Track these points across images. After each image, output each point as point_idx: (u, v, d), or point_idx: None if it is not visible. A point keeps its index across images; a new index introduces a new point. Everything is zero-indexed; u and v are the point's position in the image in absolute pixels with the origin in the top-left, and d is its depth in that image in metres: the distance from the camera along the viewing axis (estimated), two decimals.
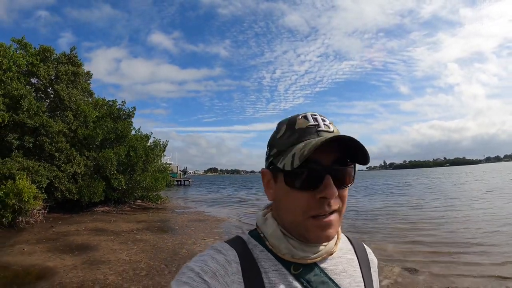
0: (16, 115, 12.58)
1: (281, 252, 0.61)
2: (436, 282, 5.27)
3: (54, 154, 13.59)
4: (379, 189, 29.16)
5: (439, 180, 39.55)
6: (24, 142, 12.82)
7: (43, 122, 13.22)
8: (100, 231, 10.05)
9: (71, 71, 15.76)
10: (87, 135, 15.59)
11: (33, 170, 11.92)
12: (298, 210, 0.59)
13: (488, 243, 7.49)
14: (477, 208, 12.99)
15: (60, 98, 14.98)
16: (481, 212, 12.04)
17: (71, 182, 13.93)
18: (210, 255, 0.59)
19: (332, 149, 0.58)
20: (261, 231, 0.65)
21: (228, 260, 0.58)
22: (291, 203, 0.59)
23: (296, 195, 0.58)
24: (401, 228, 9.86)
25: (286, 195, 0.60)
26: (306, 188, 0.58)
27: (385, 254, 6.93)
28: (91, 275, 5.73)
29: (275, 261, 0.61)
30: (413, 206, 15.05)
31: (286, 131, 0.62)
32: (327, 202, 0.58)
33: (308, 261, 0.61)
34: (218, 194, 30.37)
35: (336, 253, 0.66)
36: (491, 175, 43.92)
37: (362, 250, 0.73)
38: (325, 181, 0.57)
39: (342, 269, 0.65)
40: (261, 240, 0.64)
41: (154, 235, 9.55)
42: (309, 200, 0.58)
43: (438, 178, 45.29)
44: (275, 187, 0.63)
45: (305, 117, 0.62)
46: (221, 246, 0.62)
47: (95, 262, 6.63)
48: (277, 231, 0.62)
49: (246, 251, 0.62)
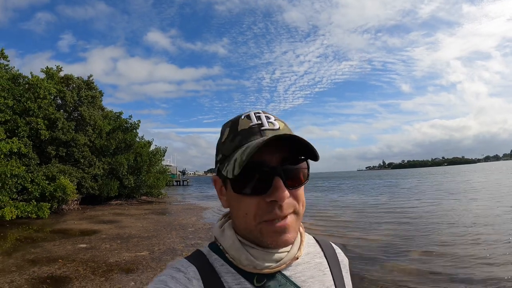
0: (53, 132, 16.99)
1: (242, 264, 0.57)
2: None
3: (80, 160, 18.01)
4: (362, 188, 32.40)
5: (427, 180, 40.95)
6: (59, 152, 17.23)
7: (73, 137, 17.64)
8: (119, 215, 14.48)
9: (90, 95, 20.20)
10: (102, 145, 20.03)
11: (67, 172, 16.31)
12: (249, 216, 0.55)
13: (413, 245, 7.62)
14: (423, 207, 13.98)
15: (83, 117, 19.39)
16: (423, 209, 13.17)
17: (93, 181, 18.33)
18: (170, 275, 0.56)
19: (279, 148, 0.55)
20: (220, 243, 0.61)
21: (188, 278, 0.56)
22: (242, 209, 0.56)
23: (245, 201, 0.55)
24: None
25: (236, 202, 0.57)
26: (254, 193, 0.54)
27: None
28: (121, 231, 10.14)
29: (237, 275, 0.57)
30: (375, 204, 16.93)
31: (229, 134, 0.59)
32: (278, 206, 0.54)
33: (271, 271, 0.57)
34: (211, 193, 34.77)
35: (303, 258, 0.63)
36: (483, 174, 45.34)
37: (331, 252, 0.70)
38: (274, 184, 0.53)
39: (310, 275, 0.62)
40: (221, 253, 0.61)
41: (157, 216, 13.98)
42: (259, 205, 0.54)
43: (426, 178, 47.08)
44: (226, 194, 0.60)
45: (247, 116, 0.59)
46: (180, 264, 0.59)
47: (122, 227, 11.05)
48: (235, 242, 0.58)
49: (207, 266, 0.59)
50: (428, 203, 15.30)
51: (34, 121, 16.10)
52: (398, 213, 12.77)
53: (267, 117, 0.59)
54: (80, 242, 8.67)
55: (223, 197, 0.62)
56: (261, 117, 0.59)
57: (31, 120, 16.09)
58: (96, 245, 8.34)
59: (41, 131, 16.17)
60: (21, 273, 6.07)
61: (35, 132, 16.16)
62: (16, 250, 8.02)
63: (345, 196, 22.58)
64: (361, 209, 14.65)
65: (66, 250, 7.80)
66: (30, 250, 7.90)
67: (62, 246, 8.29)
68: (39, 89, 17.45)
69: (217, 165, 0.62)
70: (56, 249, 7.96)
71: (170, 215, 14.58)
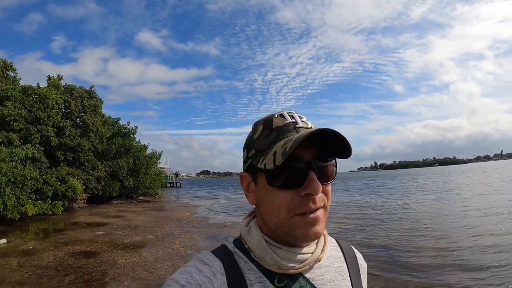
0: (61, 139, 19.00)
1: (267, 263, 0.59)
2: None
3: (85, 163, 20.04)
4: (345, 189, 34.67)
5: (413, 181, 41.91)
6: (67, 157, 19.23)
7: (78, 143, 19.66)
8: (122, 211, 16.61)
9: (92, 104, 22.23)
10: (104, 149, 22.06)
11: (75, 175, 18.33)
12: (283, 210, 0.56)
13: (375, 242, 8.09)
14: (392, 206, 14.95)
15: (86, 124, 21.40)
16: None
17: (96, 182, 20.36)
18: (195, 267, 0.58)
19: (312, 146, 0.58)
20: (245, 242, 0.63)
21: (213, 272, 0.57)
22: (275, 203, 0.57)
23: (279, 195, 0.57)
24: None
25: (269, 196, 0.58)
26: (289, 186, 0.56)
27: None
28: (128, 223, 12.31)
29: (259, 273, 0.59)
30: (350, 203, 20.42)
31: (263, 130, 0.61)
32: (312, 199, 0.56)
33: (295, 271, 0.59)
34: (203, 193, 36.98)
35: (324, 261, 0.64)
36: (467, 175, 46.31)
37: (352, 257, 0.72)
38: (309, 177, 0.56)
39: (329, 278, 0.63)
40: (245, 251, 0.63)
41: (155, 212, 16.17)
42: (293, 198, 0.56)
43: (411, 179, 47.86)
44: (256, 190, 0.62)
45: (281, 115, 0.62)
46: (206, 257, 0.61)
47: (128, 220, 13.21)
48: (261, 241, 0.61)
49: (232, 262, 0.60)
50: (392, 200, 17.81)
51: (45, 129, 18.10)
52: (358, 208, 15.17)
53: (300, 117, 0.62)
54: (97, 231, 10.83)
55: (251, 194, 0.63)
56: (294, 116, 0.61)
57: (42, 128, 18.08)
58: (110, 232, 10.52)
59: (51, 138, 18.17)
60: (59, 250, 8.22)
61: (45, 138, 18.16)
62: (47, 237, 10.15)
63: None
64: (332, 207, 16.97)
65: (88, 236, 9.96)
66: (59, 236, 10.03)
67: (84, 233, 10.44)
68: (47, 100, 19.46)
69: (248, 161, 0.63)
70: (79, 235, 10.12)
71: (167, 211, 16.77)
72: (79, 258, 7.38)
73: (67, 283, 5.71)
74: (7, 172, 13.28)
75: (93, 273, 6.22)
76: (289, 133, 0.58)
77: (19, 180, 13.87)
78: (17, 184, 13.87)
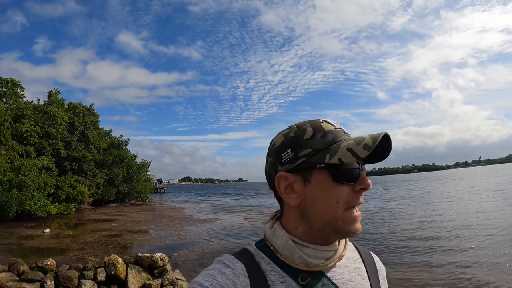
0: (69, 151, 22.69)
1: (294, 262, 0.62)
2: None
3: (87, 172, 23.74)
4: None
5: (383, 187, 43.07)
6: (73, 166, 22.90)
7: (83, 154, 23.39)
8: (122, 212, 20.56)
9: (93, 121, 26.01)
10: (102, 159, 25.79)
11: (80, 182, 22.04)
12: (340, 204, 0.59)
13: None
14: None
15: (87, 138, 25.12)
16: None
17: (96, 188, 24.06)
18: (218, 270, 0.59)
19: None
20: (271, 244, 0.65)
21: (236, 274, 0.59)
22: (333, 198, 0.60)
23: (339, 189, 0.59)
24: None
25: (327, 192, 0.60)
26: (349, 181, 0.60)
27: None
28: (132, 219, 16.38)
29: (282, 273, 0.61)
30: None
31: (315, 132, 0.63)
32: (362, 194, 0.62)
33: (320, 268, 0.62)
34: (186, 198, 40.92)
35: (343, 262, 0.67)
36: (441, 182, 47.81)
37: (370, 258, 0.74)
38: (362, 174, 0.61)
39: (349, 278, 0.65)
40: (269, 252, 0.64)
41: (150, 212, 20.25)
42: (349, 193, 0.60)
43: (383, 185, 48.76)
44: (306, 188, 0.62)
45: (325, 121, 0.65)
46: (228, 260, 0.62)
47: (130, 217, 17.27)
48: (289, 242, 0.62)
49: (254, 264, 0.62)
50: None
51: (55, 143, 21.78)
52: None
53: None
54: (111, 223, 14.87)
55: (292, 194, 0.63)
56: (336, 123, 0.65)
57: (53, 142, 21.74)
58: (122, 224, 14.59)
59: (61, 150, 21.86)
60: (93, 234, 12.25)
61: (56, 151, 21.82)
62: (76, 227, 14.09)
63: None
64: None
65: (107, 226, 13.99)
66: (85, 228, 14.00)
67: (102, 225, 14.45)
68: (56, 117, 23.12)
69: (297, 160, 0.62)
70: (100, 226, 14.13)
71: (159, 211, 20.84)
72: (109, 237, 11.50)
73: (111, 248, 9.86)
74: (34, 179, 17.01)
75: (124, 243, 10.42)
76: (343, 136, 0.63)
77: (41, 186, 17.60)
78: (40, 190, 17.58)
